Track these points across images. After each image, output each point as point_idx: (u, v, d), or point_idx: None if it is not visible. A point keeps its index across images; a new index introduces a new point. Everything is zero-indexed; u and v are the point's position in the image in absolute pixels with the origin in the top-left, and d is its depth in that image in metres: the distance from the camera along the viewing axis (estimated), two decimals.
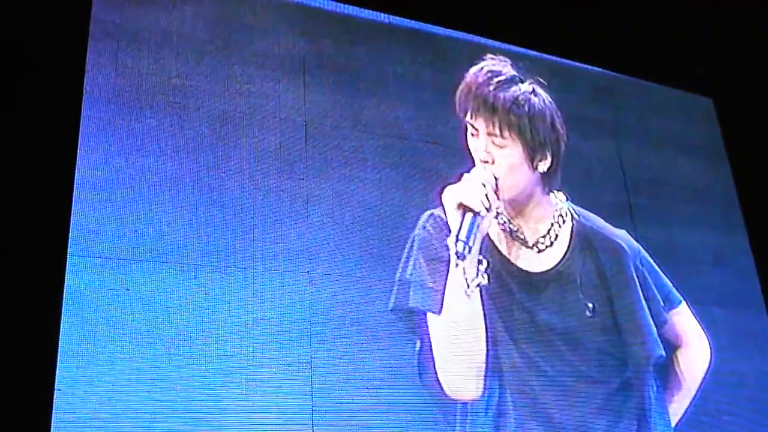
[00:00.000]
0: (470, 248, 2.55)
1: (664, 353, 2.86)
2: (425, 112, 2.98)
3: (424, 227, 2.74)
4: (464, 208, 2.59)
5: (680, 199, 3.53)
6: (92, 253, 2.23)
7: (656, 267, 3.05)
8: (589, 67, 3.53)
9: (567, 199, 2.95)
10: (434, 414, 2.55)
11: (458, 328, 2.61)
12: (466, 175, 2.70)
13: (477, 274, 2.63)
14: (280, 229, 2.53)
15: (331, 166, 2.72)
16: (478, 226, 2.58)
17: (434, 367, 2.57)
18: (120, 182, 2.34)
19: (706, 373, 3.00)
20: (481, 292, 2.65)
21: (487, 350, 2.63)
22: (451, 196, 2.65)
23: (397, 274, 2.66)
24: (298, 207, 2.60)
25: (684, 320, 3.03)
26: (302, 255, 2.53)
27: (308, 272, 2.52)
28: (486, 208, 2.60)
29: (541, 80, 2.83)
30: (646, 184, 3.43)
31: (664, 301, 2.97)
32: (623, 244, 2.96)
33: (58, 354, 2.08)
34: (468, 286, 2.61)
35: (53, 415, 2.02)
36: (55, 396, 2.04)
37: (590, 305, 2.81)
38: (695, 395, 2.97)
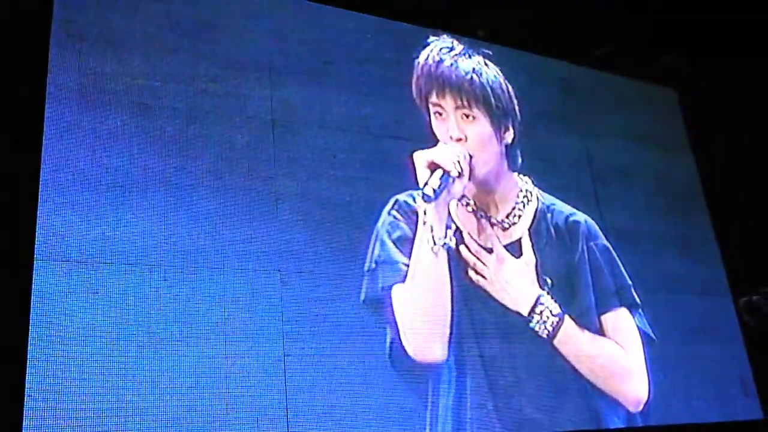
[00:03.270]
0: (437, 195, 2.61)
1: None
2: (392, 108, 2.98)
3: (390, 213, 2.77)
4: (435, 166, 2.66)
5: (646, 189, 3.59)
6: (59, 256, 2.21)
7: (617, 260, 3.09)
8: (555, 60, 3.57)
9: (534, 184, 3.00)
10: (408, 402, 2.56)
11: (425, 287, 2.64)
12: (441, 143, 2.76)
13: (445, 235, 2.67)
14: (249, 229, 2.53)
15: (299, 165, 2.72)
16: (447, 184, 2.65)
17: (401, 345, 2.59)
18: (86, 184, 2.32)
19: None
20: (448, 255, 2.69)
21: (452, 313, 2.68)
22: (423, 155, 2.72)
23: (366, 265, 2.68)
24: (268, 206, 2.60)
25: (629, 326, 3.02)
26: (273, 254, 2.53)
27: (279, 270, 2.52)
28: (458, 172, 2.63)
29: (486, 52, 2.89)
30: (612, 174, 3.48)
31: (618, 291, 3.02)
32: (582, 222, 3.03)
33: (28, 359, 2.06)
34: (435, 244, 2.64)
35: (23, 420, 1.99)
36: (25, 402, 2.01)
37: (549, 280, 2.86)
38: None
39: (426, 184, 2.64)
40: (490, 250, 2.84)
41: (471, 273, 2.79)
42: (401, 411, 2.54)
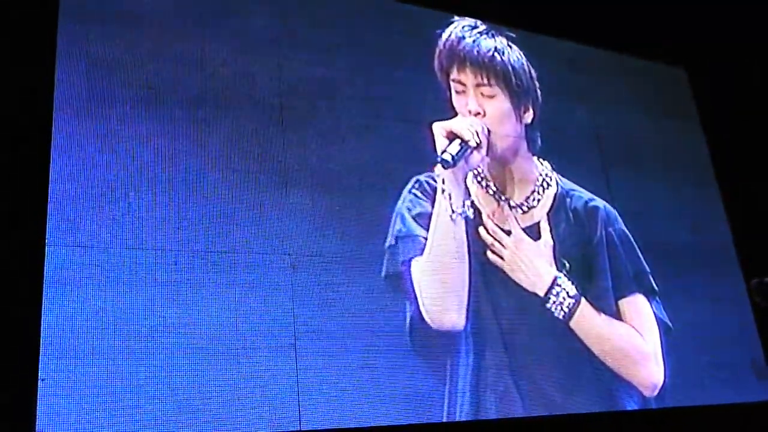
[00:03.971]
0: (456, 160, 2.64)
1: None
2: (402, 90, 2.98)
3: (411, 191, 2.78)
4: (453, 136, 2.70)
5: (655, 168, 3.57)
6: (71, 242, 2.21)
7: (635, 245, 3.09)
8: (563, 40, 3.55)
9: (553, 169, 3.00)
10: (425, 384, 2.57)
11: (443, 253, 2.67)
12: (459, 116, 2.79)
13: (463, 204, 2.69)
14: (259, 213, 2.53)
15: (308, 148, 2.71)
16: (465, 153, 2.68)
17: (420, 316, 2.61)
18: (96, 169, 2.32)
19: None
20: (466, 224, 2.72)
21: (470, 284, 2.70)
22: (441, 125, 2.75)
23: (387, 242, 2.69)
24: (278, 189, 2.60)
25: (646, 311, 3.02)
26: (283, 237, 2.53)
27: (289, 254, 2.52)
28: (477, 142, 2.65)
29: (510, 34, 2.90)
30: (621, 155, 3.46)
31: (636, 277, 3.02)
32: (600, 207, 3.03)
33: (41, 344, 2.07)
34: (453, 212, 2.66)
35: (38, 405, 2.01)
36: (39, 385, 2.03)
37: (566, 263, 2.87)
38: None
39: (444, 151, 2.67)
40: (508, 232, 2.85)
41: (489, 254, 2.80)
42: (417, 392, 2.55)
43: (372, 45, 3.01)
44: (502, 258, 2.81)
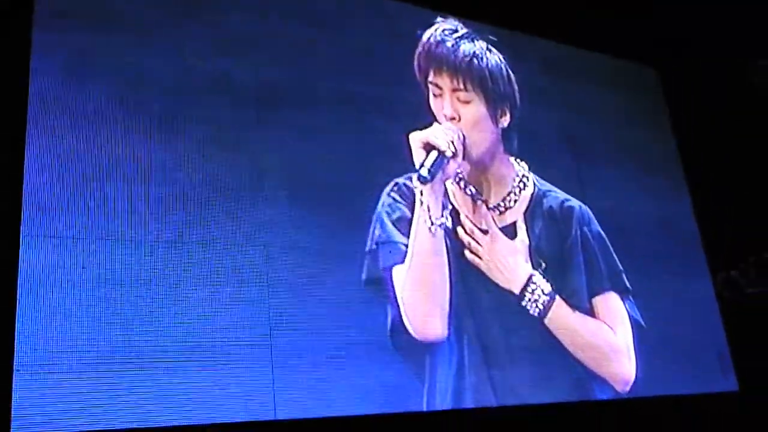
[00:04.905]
0: (433, 175, 2.66)
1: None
2: (381, 88, 2.99)
3: (389, 194, 2.81)
4: (430, 147, 2.71)
5: (627, 167, 3.63)
6: (46, 232, 2.21)
7: (610, 246, 3.16)
8: (539, 39, 3.60)
9: (529, 169, 3.04)
10: (403, 377, 2.61)
11: (425, 266, 2.70)
12: (436, 123, 2.83)
13: (441, 215, 2.72)
14: (235, 205, 2.54)
15: (284, 141, 2.72)
16: (442, 164, 2.70)
17: (401, 323, 2.64)
18: (71, 160, 2.31)
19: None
20: (445, 235, 2.75)
21: (451, 290, 2.73)
22: (418, 136, 2.76)
23: (367, 246, 2.71)
24: (253, 183, 2.61)
25: (619, 308, 3.08)
26: (258, 229, 2.54)
27: (264, 246, 2.53)
28: (453, 153, 2.68)
29: (492, 37, 2.93)
30: (594, 153, 3.52)
31: (610, 276, 3.08)
32: (576, 207, 3.09)
33: (16, 335, 2.07)
34: (432, 224, 2.68)
35: (13, 396, 2.01)
36: (14, 377, 2.03)
37: (542, 262, 2.91)
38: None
39: (422, 165, 2.69)
40: (485, 231, 2.88)
41: (466, 253, 2.84)
42: (394, 385, 2.58)
43: (352, 42, 3.02)
44: (479, 257, 2.85)
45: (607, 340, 2.98)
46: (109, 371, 2.16)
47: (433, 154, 2.71)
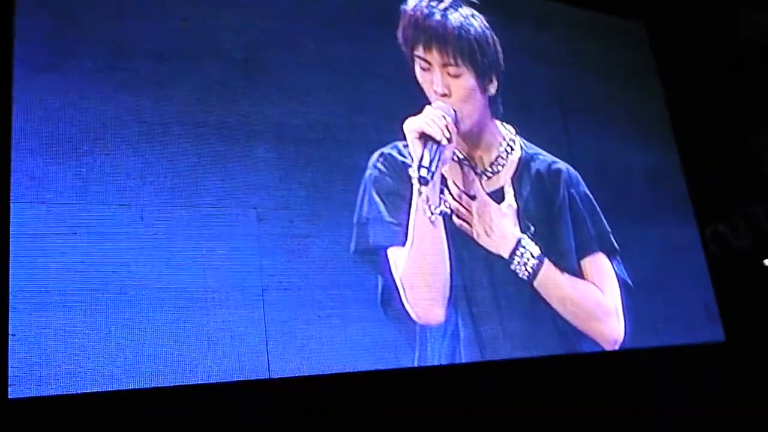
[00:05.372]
0: (432, 174, 2.64)
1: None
2: (369, 46, 2.97)
3: (375, 166, 2.80)
4: (426, 138, 2.68)
5: (616, 120, 3.63)
6: (36, 199, 2.21)
7: (596, 207, 3.17)
8: None
9: (516, 133, 3.04)
10: (392, 340, 2.64)
11: (426, 256, 2.72)
12: (428, 107, 2.78)
13: (440, 202, 2.73)
14: (224, 167, 2.54)
15: (273, 102, 2.71)
16: (439, 155, 2.68)
17: (399, 300, 2.67)
18: (59, 126, 2.31)
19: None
20: (444, 219, 2.76)
21: (451, 275, 2.76)
22: (413, 126, 2.73)
23: (355, 217, 2.72)
24: (242, 144, 2.60)
25: (607, 269, 3.10)
26: (248, 190, 2.55)
27: (255, 207, 2.54)
28: (447, 139, 2.67)
29: (474, 1, 2.89)
30: (582, 110, 3.51)
31: (598, 237, 3.10)
32: (563, 169, 3.09)
33: (10, 300, 2.09)
34: (432, 214, 2.70)
35: (9, 360, 2.04)
36: (9, 341, 2.05)
37: (530, 225, 2.94)
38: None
39: (420, 165, 2.66)
40: (473, 197, 2.89)
41: (455, 218, 2.84)
42: (384, 343, 2.62)
43: (339, 2, 2.99)
44: (467, 223, 2.86)
45: (596, 300, 3.01)
46: (103, 333, 2.18)
47: (429, 148, 2.68)
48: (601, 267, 3.06)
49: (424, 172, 2.65)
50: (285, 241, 2.56)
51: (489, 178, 2.93)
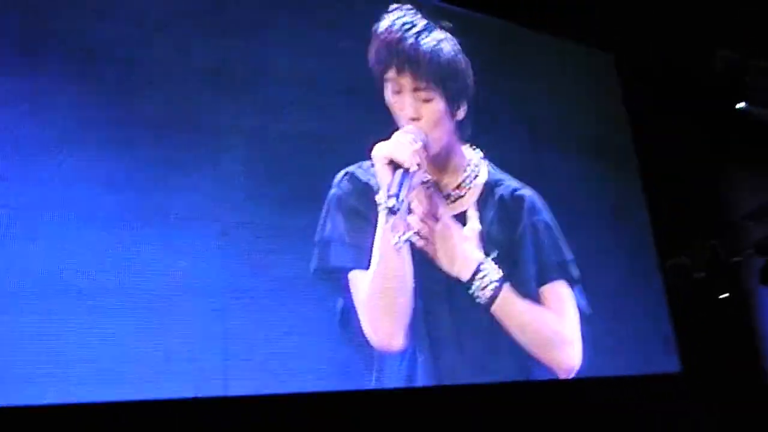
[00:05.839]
0: (401, 203, 2.59)
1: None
2: (340, 61, 2.97)
3: (339, 186, 2.78)
4: (395, 165, 2.64)
5: (582, 152, 3.67)
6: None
7: (558, 235, 3.15)
8: (497, 20, 3.60)
9: (483, 157, 3.06)
10: (350, 361, 2.63)
11: (390, 283, 2.69)
12: (397, 132, 2.75)
13: (406, 229, 2.72)
14: (190, 179, 2.52)
15: (243, 116, 2.71)
16: (409, 182, 2.62)
17: (358, 322, 2.65)
18: (24, 129, 2.28)
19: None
20: (409, 245, 2.75)
21: (414, 304, 2.74)
22: (382, 152, 2.67)
23: (317, 236, 2.70)
24: (209, 157, 2.59)
25: (567, 297, 3.09)
26: (213, 204, 2.54)
27: (220, 221, 2.53)
28: (417, 165, 2.66)
29: (445, 24, 2.89)
30: (548, 139, 3.55)
31: (559, 266, 3.10)
32: (527, 196, 3.10)
33: None
34: (398, 241, 2.69)
35: None
36: None
37: (494, 251, 2.94)
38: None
39: (389, 194, 2.56)
40: (437, 219, 2.87)
41: (417, 240, 2.82)
42: (342, 364, 2.61)
43: (311, 15, 2.99)
44: (429, 243, 2.84)
45: (554, 328, 3.01)
46: (58, 343, 2.15)
47: (398, 174, 2.59)
48: (560, 295, 3.07)
49: (392, 202, 2.57)
50: (248, 256, 2.54)
51: (453, 201, 2.94)
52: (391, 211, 2.60)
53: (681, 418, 3.40)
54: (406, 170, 2.61)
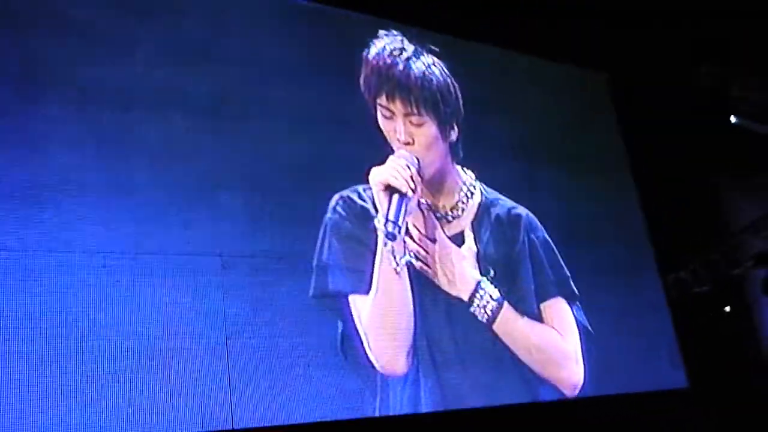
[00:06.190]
0: (400, 228, 2.65)
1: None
2: (333, 93, 3.00)
3: (335, 210, 2.80)
4: (392, 190, 2.68)
5: (576, 171, 3.68)
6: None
7: (556, 252, 3.19)
8: (487, 45, 3.63)
9: (476, 178, 3.08)
10: (354, 387, 2.63)
11: (391, 306, 2.71)
12: (391, 157, 2.80)
13: (405, 252, 2.73)
14: (190, 214, 2.54)
15: (240, 150, 2.73)
16: (406, 207, 2.67)
17: (361, 347, 2.66)
18: (21, 171, 2.29)
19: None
20: (408, 268, 2.77)
21: (415, 327, 2.75)
22: (378, 178, 2.72)
23: (314, 261, 2.71)
24: (208, 190, 2.61)
25: (567, 314, 3.11)
26: (213, 237, 2.55)
27: (220, 254, 2.54)
28: (412, 190, 2.69)
29: (433, 48, 2.94)
30: (543, 157, 3.57)
31: (558, 282, 3.12)
32: (523, 215, 3.12)
33: None
34: (397, 264, 2.70)
35: None
36: None
37: (491, 269, 2.95)
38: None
39: (387, 219, 2.64)
40: (434, 241, 2.89)
41: (416, 262, 2.84)
42: (346, 391, 2.60)
43: (300, 45, 3.03)
44: (427, 265, 2.86)
45: (555, 345, 3.02)
46: (62, 384, 2.14)
47: (395, 200, 2.66)
48: (560, 311, 3.08)
49: (390, 227, 2.64)
50: (250, 288, 2.55)
51: (449, 222, 2.96)
52: (390, 237, 2.63)
53: None
54: (403, 195, 2.64)
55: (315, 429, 2.47)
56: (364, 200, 2.81)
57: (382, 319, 2.69)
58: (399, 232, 2.68)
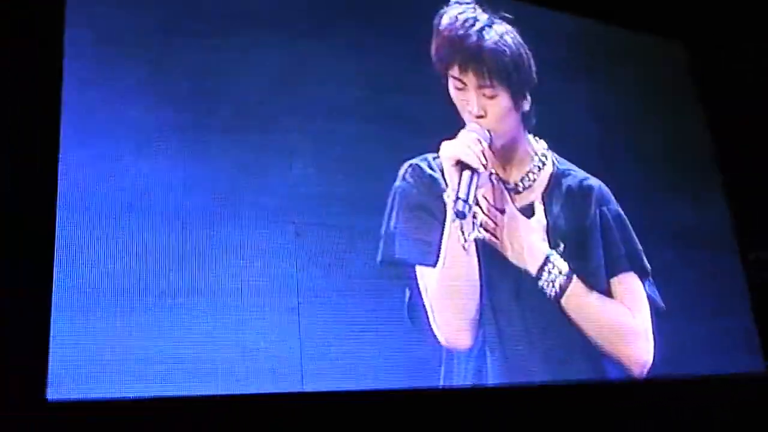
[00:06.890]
0: (470, 207, 2.63)
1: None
2: (398, 62, 2.99)
3: (404, 178, 2.80)
4: (462, 165, 2.67)
5: (655, 142, 3.60)
6: (82, 206, 2.27)
7: (628, 226, 3.10)
8: (561, 13, 3.55)
9: (548, 148, 3.03)
10: (421, 356, 2.64)
11: (457, 282, 2.71)
12: (463, 131, 2.78)
13: (473, 228, 2.72)
14: (264, 182, 2.58)
15: (312, 120, 2.76)
16: (476, 184, 2.65)
17: (426, 317, 2.67)
18: (106, 135, 2.37)
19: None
20: (476, 242, 2.75)
21: (481, 302, 2.74)
22: (449, 153, 2.72)
23: (383, 228, 2.73)
24: (282, 160, 2.65)
25: (638, 289, 3.05)
26: (287, 205, 2.59)
27: (294, 222, 2.58)
28: (483, 165, 2.67)
29: (506, 15, 2.89)
30: (619, 129, 3.50)
31: (629, 257, 3.04)
32: (595, 186, 3.06)
33: (52, 303, 2.14)
34: (465, 240, 2.69)
35: (50, 361, 2.09)
36: (50, 342, 2.10)
37: (560, 242, 2.91)
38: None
39: (458, 197, 2.63)
40: (502, 211, 2.87)
41: (484, 233, 2.82)
42: (416, 358, 2.63)
43: (371, 16, 3.03)
44: (495, 237, 2.84)
45: (625, 321, 2.96)
46: (142, 339, 2.23)
47: (466, 176, 2.65)
48: (631, 287, 3.01)
49: (461, 206, 2.62)
50: (322, 256, 2.58)
51: (519, 193, 2.92)
52: (460, 215, 2.62)
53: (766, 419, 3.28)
54: (474, 171, 2.62)
55: (383, 396, 2.50)
56: (433, 169, 2.80)
57: (448, 294, 2.69)
58: (468, 211, 2.66)
